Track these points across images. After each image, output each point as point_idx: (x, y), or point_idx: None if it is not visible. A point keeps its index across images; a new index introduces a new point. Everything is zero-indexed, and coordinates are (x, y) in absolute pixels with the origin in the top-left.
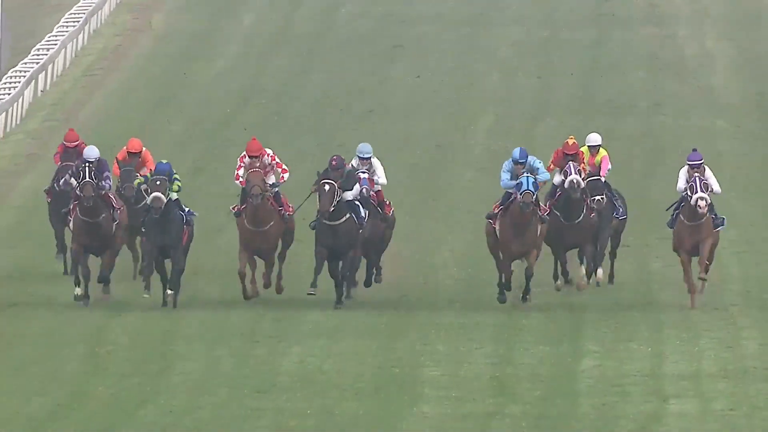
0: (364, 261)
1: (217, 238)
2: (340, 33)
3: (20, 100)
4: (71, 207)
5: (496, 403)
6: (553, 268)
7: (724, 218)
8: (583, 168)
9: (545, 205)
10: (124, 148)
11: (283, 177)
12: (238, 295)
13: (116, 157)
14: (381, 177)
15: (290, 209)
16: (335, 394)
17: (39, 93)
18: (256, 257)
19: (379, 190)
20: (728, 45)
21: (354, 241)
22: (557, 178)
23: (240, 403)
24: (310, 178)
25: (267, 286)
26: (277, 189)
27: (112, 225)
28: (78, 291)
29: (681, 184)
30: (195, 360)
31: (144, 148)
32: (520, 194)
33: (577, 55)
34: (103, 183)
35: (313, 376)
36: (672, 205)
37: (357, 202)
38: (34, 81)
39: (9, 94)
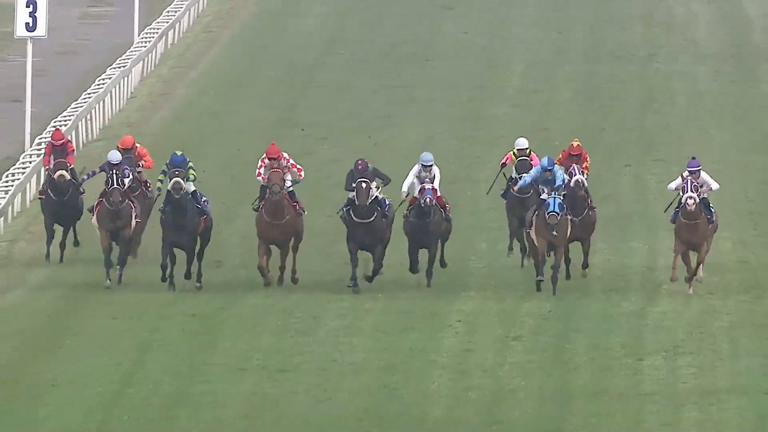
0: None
1: (306, 161)
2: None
3: (153, 51)
4: (95, 204)
5: (527, 289)
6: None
7: (712, 214)
8: (586, 167)
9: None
10: (118, 145)
11: (300, 175)
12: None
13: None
14: (437, 183)
15: (301, 206)
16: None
17: (168, 46)
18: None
19: (439, 196)
20: (710, 6)
21: (383, 235)
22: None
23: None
24: (382, 114)
25: (283, 269)
26: (291, 188)
27: (131, 212)
28: (108, 283)
29: (673, 185)
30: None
31: (138, 144)
32: (548, 215)
33: (587, 14)
34: (125, 180)
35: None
36: (669, 206)
37: (384, 199)
38: (164, 36)
39: (144, 46)
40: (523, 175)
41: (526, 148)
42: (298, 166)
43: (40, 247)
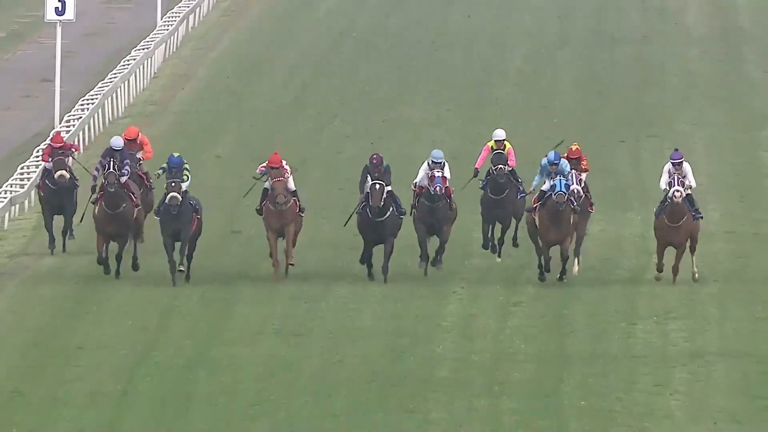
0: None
1: (318, 136)
2: None
3: (176, 34)
4: (97, 198)
5: (527, 258)
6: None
7: (697, 210)
8: (585, 168)
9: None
10: (123, 134)
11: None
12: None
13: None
14: (448, 173)
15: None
16: None
17: (189, 29)
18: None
19: (447, 186)
20: None
21: (395, 231)
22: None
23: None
24: (391, 94)
25: (289, 256)
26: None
27: (132, 213)
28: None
29: (663, 182)
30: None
31: (140, 134)
32: (554, 195)
33: (587, 1)
34: (124, 170)
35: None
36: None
37: (395, 196)
38: (186, 20)
39: (167, 29)
40: (500, 165)
41: (503, 140)
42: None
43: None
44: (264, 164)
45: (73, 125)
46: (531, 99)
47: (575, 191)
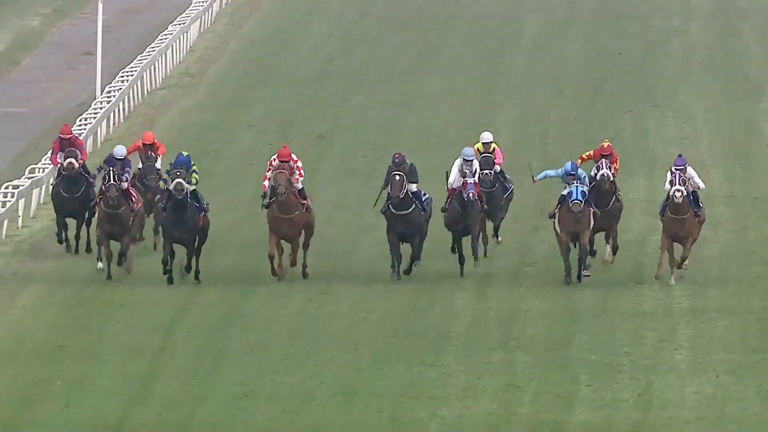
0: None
1: (345, 106)
2: None
3: (210, 10)
4: (96, 200)
5: (540, 222)
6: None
7: (700, 208)
8: (615, 167)
9: None
10: (139, 141)
11: (297, 180)
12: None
13: (132, 148)
14: (477, 177)
15: (308, 201)
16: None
17: (223, 5)
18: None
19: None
20: None
21: (420, 227)
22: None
23: None
24: (410, 67)
25: (294, 264)
26: (301, 186)
27: (130, 216)
28: (100, 265)
29: (667, 185)
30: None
31: (156, 140)
32: (571, 202)
33: None
34: (124, 176)
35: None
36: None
37: (420, 192)
38: None
39: (202, 6)
40: (486, 171)
41: (490, 142)
42: (302, 171)
43: None
44: (274, 157)
45: (114, 96)
46: (542, 71)
47: (605, 175)
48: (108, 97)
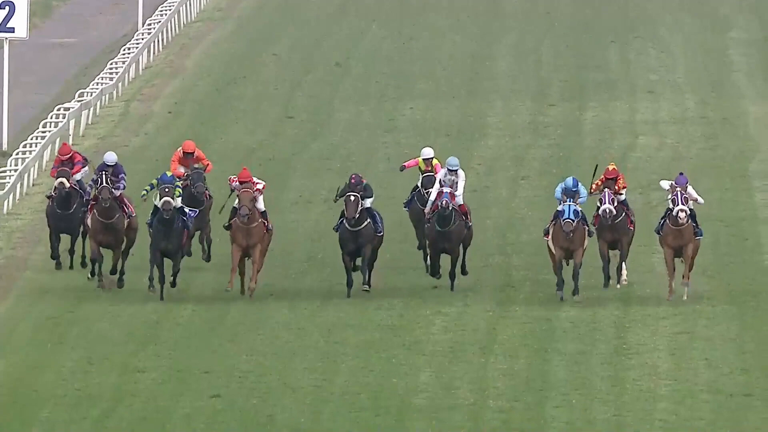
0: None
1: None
2: None
3: None
4: (88, 207)
5: (535, 132)
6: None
7: (701, 230)
8: (623, 186)
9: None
10: (180, 149)
11: (257, 198)
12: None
13: (173, 159)
14: (460, 190)
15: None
16: None
17: None
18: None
19: (461, 204)
20: None
21: (372, 241)
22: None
23: None
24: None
25: (254, 281)
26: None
27: (124, 224)
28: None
29: (669, 203)
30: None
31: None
32: (563, 222)
33: None
34: (118, 185)
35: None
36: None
37: (374, 210)
38: None
39: None
40: (429, 190)
41: (431, 158)
42: (262, 190)
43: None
44: (235, 177)
45: (153, 28)
46: (535, 8)
47: (607, 210)
48: (148, 29)
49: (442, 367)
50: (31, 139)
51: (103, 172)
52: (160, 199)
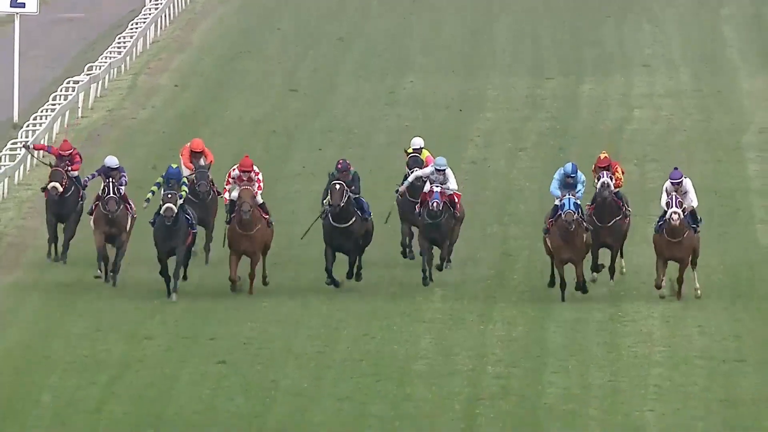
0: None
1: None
2: None
3: None
4: (93, 206)
5: (532, 105)
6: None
7: (698, 224)
8: (617, 178)
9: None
10: (188, 145)
11: (257, 192)
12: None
13: (181, 154)
14: (453, 184)
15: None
16: None
17: None
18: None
19: (451, 194)
20: None
21: (359, 238)
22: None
23: None
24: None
25: (253, 277)
26: (262, 201)
27: (127, 217)
28: (99, 272)
29: (663, 202)
30: None
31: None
32: (564, 213)
33: None
34: (121, 187)
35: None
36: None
37: (361, 199)
38: None
39: None
40: (415, 169)
41: (420, 148)
42: (261, 184)
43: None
44: (236, 167)
45: (160, 3)
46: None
47: (604, 183)
48: (155, 5)
49: (442, 334)
50: (41, 111)
51: (111, 180)
52: (163, 205)
